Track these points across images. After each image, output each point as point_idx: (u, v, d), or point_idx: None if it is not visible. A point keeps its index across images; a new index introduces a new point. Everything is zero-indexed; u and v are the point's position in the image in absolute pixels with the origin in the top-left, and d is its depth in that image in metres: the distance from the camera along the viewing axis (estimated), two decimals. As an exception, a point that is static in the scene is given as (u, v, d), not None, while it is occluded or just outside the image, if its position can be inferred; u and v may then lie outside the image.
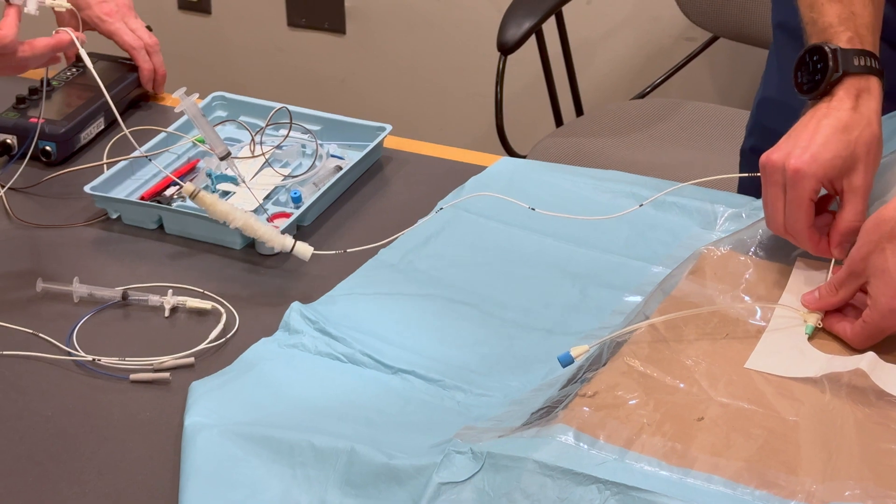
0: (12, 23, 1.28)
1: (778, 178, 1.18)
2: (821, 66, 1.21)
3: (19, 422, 1.18)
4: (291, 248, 1.32)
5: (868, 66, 1.20)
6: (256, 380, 1.20)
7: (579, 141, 2.30)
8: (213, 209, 1.30)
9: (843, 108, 1.19)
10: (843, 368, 1.09)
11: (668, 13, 2.64)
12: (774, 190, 1.19)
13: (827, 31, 1.23)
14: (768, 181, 1.19)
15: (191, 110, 1.40)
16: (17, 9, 1.29)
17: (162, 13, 3.12)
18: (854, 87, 1.20)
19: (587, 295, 1.32)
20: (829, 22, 1.23)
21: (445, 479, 1.01)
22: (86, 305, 1.33)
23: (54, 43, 1.31)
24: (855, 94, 1.20)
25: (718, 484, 0.97)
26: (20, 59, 1.29)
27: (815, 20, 1.25)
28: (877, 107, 1.20)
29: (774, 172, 1.18)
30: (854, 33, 1.22)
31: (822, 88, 1.20)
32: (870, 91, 1.20)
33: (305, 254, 1.33)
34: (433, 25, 2.92)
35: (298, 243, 1.32)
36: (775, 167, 1.18)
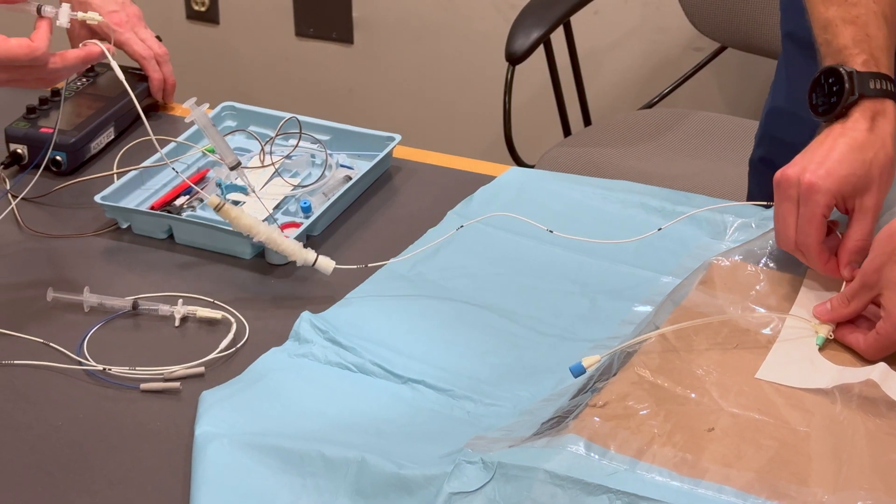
0: (44, 35, 1.28)
1: (792, 193, 1.18)
2: (836, 89, 1.21)
3: (30, 431, 1.18)
4: (314, 262, 1.32)
5: (884, 90, 1.21)
6: (266, 389, 1.20)
7: (587, 151, 2.30)
8: (238, 222, 1.31)
9: (859, 128, 1.19)
10: (855, 379, 1.09)
11: (676, 23, 2.64)
12: (788, 205, 1.19)
13: (842, 53, 1.23)
14: (782, 196, 1.19)
15: (201, 120, 1.40)
16: (48, 21, 1.30)
17: (170, 23, 3.12)
18: (870, 109, 1.20)
19: (597, 305, 1.32)
20: (843, 44, 1.23)
21: (456, 489, 1.01)
22: (96, 315, 1.33)
23: (85, 55, 1.32)
24: (871, 116, 1.20)
25: (729, 494, 0.97)
26: (51, 71, 1.30)
27: (830, 41, 1.24)
28: (892, 130, 1.21)
29: (789, 187, 1.18)
30: (869, 56, 1.22)
31: (837, 111, 1.21)
32: (885, 114, 1.21)
33: (328, 268, 1.33)
34: (441, 35, 2.93)
35: (321, 258, 1.33)
36: (790, 182, 1.18)
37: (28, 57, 1.26)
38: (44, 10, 1.30)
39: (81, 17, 1.35)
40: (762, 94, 2.67)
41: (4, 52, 1.25)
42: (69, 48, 1.71)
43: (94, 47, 1.32)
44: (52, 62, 1.29)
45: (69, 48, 1.71)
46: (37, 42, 1.27)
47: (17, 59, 1.26)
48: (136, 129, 1.69)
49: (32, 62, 1.27)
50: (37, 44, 1.27)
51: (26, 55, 1.26)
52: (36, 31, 1.28)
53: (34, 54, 1.26)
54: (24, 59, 1.26)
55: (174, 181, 1.53)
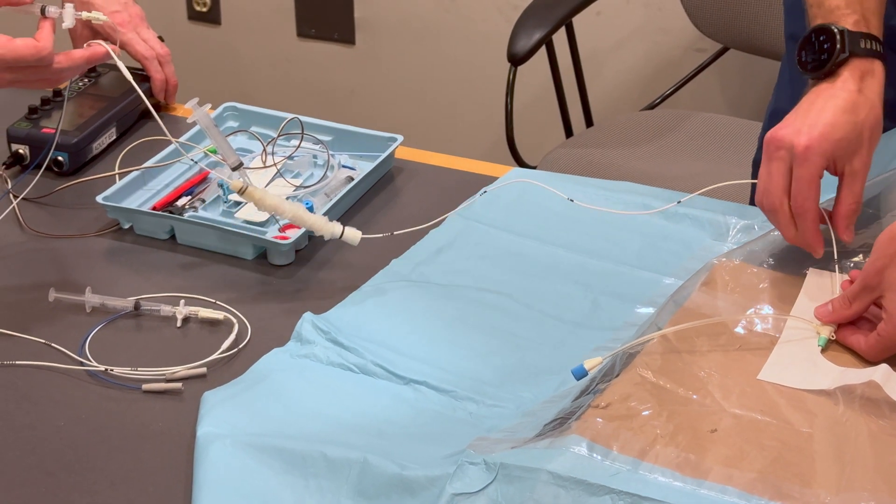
0: (49, 35, 1.28)
1: (783, 155, 1.18)
2: (827, 47, 1.22)
3: (32, 432, 1.18)
4: (341, 235, 1.34)
5: (873, 50, 1.22)
6: (269, 390, 1.20)
7: (589, 152, 2.30)
8: (263, 203, 1.31)
9: (848, 88, 1.20)
10: (857, 380, 1.09)
11: (679, 24, 2.64)
12: (778, 164, 1.19)
13: (834, 13, 1.24)
14: (773, 156, 1.19)
15: (203, 121, 1.40)
16: (52, 21, 1.30)
17: (172, 24, 3.12)
18: (859, 69, 1.21)
19: (599, 306, 1.32)
20: (835, 4, 1.24)
21: (458, 489, 1.01)
22: (98, 315, 1.33)
23: (90, 55, 1.32)
24: (859, 76, 1.21)
25: (732, 495, 0.97)
26: (56, 71, 1.30)
27: (822, 2, 1.26)
28: (880, 90, 1.22)
29: (780, 148, 1.18)
30: (860, 17, 1.23)
31: (827, 68, 1.21)
32: (874, 74, 1.22)
33: (355, 239, 1.35)
34: (443, 36, 2.93)
35: (347, 229, 1.34)
36: (782, 143, 1.18)
37: (34, 57, 1.26)
38: (48, 11, 1.30)
39: (86, 16, 1.35)
40: (764, 96, 2.67)
41: (10, 52, 1.25)
42: (72, 48, 1.72)
43: (99, 47, 1.32)
44: (57, 62, 1.29)
45: (72, 48, 1.72)
46: (42, 42, 1.27)
47: (22, 59, 1.26)
48: (138, 130, 1.69)
49: (38, 62, 1.27)
50: (42, 44, 1.27)
51: (32, 55, 1.26)
52: (40, 31, 1.28)
53: (40, 54, 1.26)
54: (29, 59, 1.26)
55: (176, 181, 1.53)
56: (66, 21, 1.31)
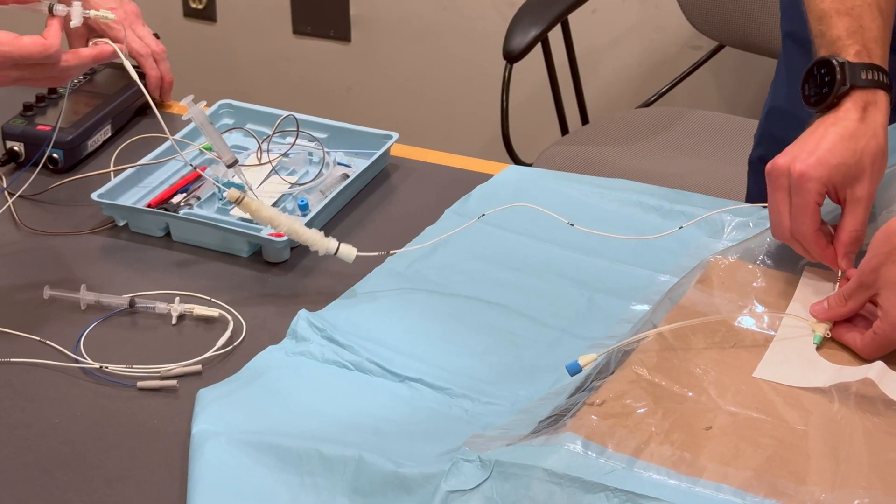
0: (56, 33, 1.28)
1: (783, 183, 1.18)
2: (828, 80, 1.21)
3: (27, 429, 1.18)
4: (336, 251, 1.32)
5: (876, 80, 1.21)
6: (264, 388, 1.20)
7: (585, 149, 2.30)
8: (259, 214, 1.31)
9: (850, 118, 1.19)
10: (852, 378, 1.09)
11: (674, 22, 2.64)
12: (780, 195, 1.19)
13: (835, 44, 1.23)
14: (774, 186, 1.19)
15: (198, 118, 1.40)
16: (59, 19, 1.29)
17: (167, 21, 3.12)
18: (861, 99, 1.20)
19: (594, 304, 1.32)
20: (837, 35, 1.23)
21: (454, 487, 1.01)
22: (93, 313, 1.33)
23: (97, 53, 1.31)
24: (862, 106, 1.20)
25: (727, 493, 0.97)
26: (62, 69, 1.29)
27: (824, 33, 1.25)
28: (883, 120, 1.21)
29: (780, 177, 1.18)
30: (862, 47, 1.22)
31: (829, 101, 1.21)
32: (877, 104, 1.21)
33: (350, 256, 1.33)
34: (438, 34, 2.93)
35: (342, 246, 1.33)
36: (781, 171, 1.18)
37: (41, 55, 1.26)
38: (55, 9, 1.30)
39: (94, 15, 1.34)
40: (760, 93, 2.67)
41: (17, 49, 1.25)
42: (68, 43, 1.72)
43: (107, 46, 1.31)
44: (64, 60, 1.28)
45: (68, 43, 1.72)
46: (49, 40, 1.26)
47: (29, 56, 1.25)
48: (133, 127, 1.69)
49: (45, 60, 1.27)
50: (49, 41, 1.26)
51: (39, 53, 1.26)
52: (48, 29, 1.28)
53: (47, 52, 1.26)
54: (36, 56, 1.26)
55: (171, 179, 1.53)
56: (74, 19, 1.31)
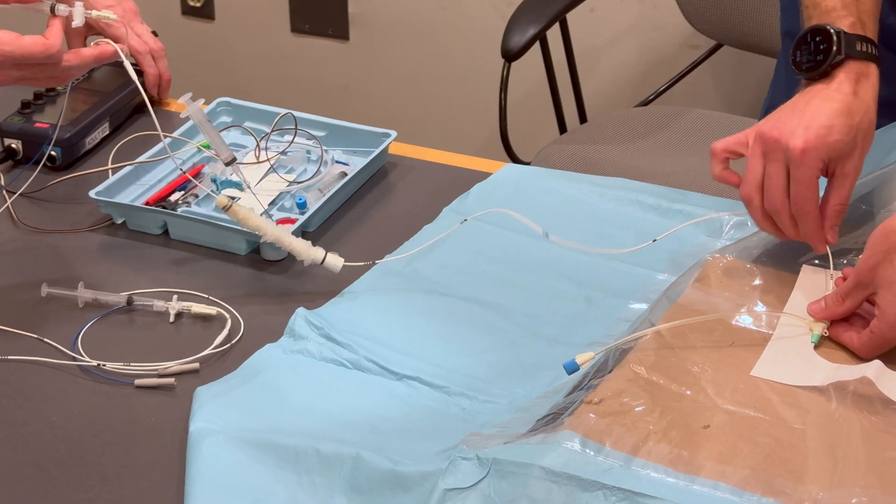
0: (57, 32, 1.27)
1: (779, 156, 1.18)
2: (823, 48, 1.21)
3: (24, 427, 1.18)
4: (322, 261, 1.32)
5: (869, 53, 1.22)
6: (261, 386, 1.20)
7: (583, 148, 2.30)
8: (246, 223, 1.31)
9: (844, 91, 1.20)
10: (850, 377, 1.09)
11: (673, 21, 2.64)
12: (776, 166, 1.18)
13: (830, 14, 1.24)
14: (769, 157, 1.18)
15: (196, 116, 1.39)
16: (61, 19, 1.29)
17: (165, 19, 3.12)
18: (854, 71, 1.21)
19: (592, 302, 1.32)
20: (832, 5, 1.24)
21: (451, 485, 1.01)
22: (91, 310, 1.33)
23: (98, 53, 1.31)
24: (855, 78, 1.20)
25: (725, 491, 0.97)
26: (63, 69, 1.29)
27: (818, 3, 1.26)
28: (874, 93, 1.22)
29: (776, 149, 1.18)
30: (857, 19, 1.23)
31: (822, 69, 1.21)
32: (868, 77, 1.21)
33: (336, 266, 1.32)
34: (437, 32, 2.92)
35: (329, 255, 1.32)
36: (777, 144, 1.18)
37: (42, 55, 1.26)
38: (57, 9, 1.29)
39: (96, 15, 1.34)
40: (758, 92, 2.67)
41: (19, 49, 1.24)
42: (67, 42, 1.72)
43: (108, 47, 1.31)
44: (65, 60, 1.28)
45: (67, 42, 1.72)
46: (51, 40, 1.26)
47: (31, 56, 1.25)
48: (131, 125, 1.69)
49: (46, 60, 1.26)
50: (51, 41, 1.26)
51: (41, 52, 1.25)
52: (49, 29, 1.27)
53: (48, 52, 1.26)
54: (38, 56, 1.25)
55: (169, 177, 1.52)
56: (76, 20, 1.31)
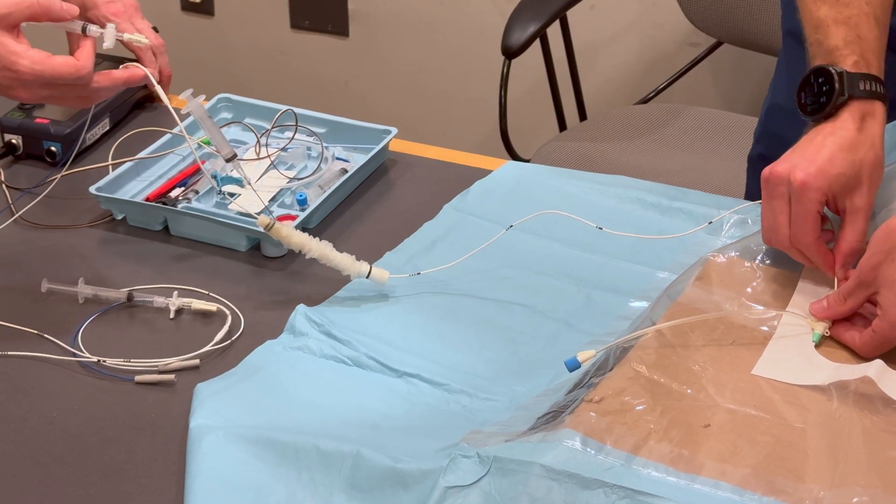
0: (89, 54, 1.26)
1: (783, 191, 1.18)
2: (826, 89, 1.21)
3: (24, 423, 1.18)
4: (368, 274, 1.32)
5: (873, 91, 1.21)
6: (262, 382, 1.20)
7: (583, 146, 2.30)
8: (289, 241, 1.31)
9: (848, 128, 1.19)
10: (851, 376, 1.09)
11: (672, 19, 2.64)
12: (779, 202, 1.19)
13: (833, 54, 1.23)
14: (773, 193, 1.19)
15: (197, 112, 1.39)
16: (93, 40, 1.28)
17: (165, 15, 3.12)
18: (859, 110, 1.20)
19: (593, 300, 1.31)
20: (834, 44, 1.23)
21: (452, 482, 1.01)
22: (91, 306, 1.33)
23: (128, 76, 1.30)
24: (860, 117, 1.20)
25: (726, 490, 0.97)
26: (93, 91, 1.28)
27: (821, 42, 1.24)
28: (880, 131, 1.21)
29: (779, 185, 1.18)
30: (860, 57, 1.22)
31: (826, 111, 1.21)
32: (874, 115, 1.21)
33: (382, 278, 1.32)
34: (437, 29, 2.92)
35: (374, 268, 1.32)
36: (780, 179, 1.18)
37: (72, 76, 1.24)
38: (89, 30, 1.29)
39: (128, 38, 1.34)
40: (758, 90, 2.67)
41: (50, 69, 1.23)
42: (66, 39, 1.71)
43: (138, 70, 1.30)
44: (95, 82, 1.27)
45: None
46: (82, 61, 1.25)
47: (61, 77, 1.24)
48: (131, 121, 1.69)
49: (76, 81, 1.25)
50: (82, 63, 1.25)
51: (71, 74, 1.24)
52: (80, 50, 1.26)
53: (79, 73, 1.24)
54: (68, 77, 1.24)
55: (170, 172, 1.52)
56: (107, 41, 1.30)
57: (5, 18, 1.22)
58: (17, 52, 1.22)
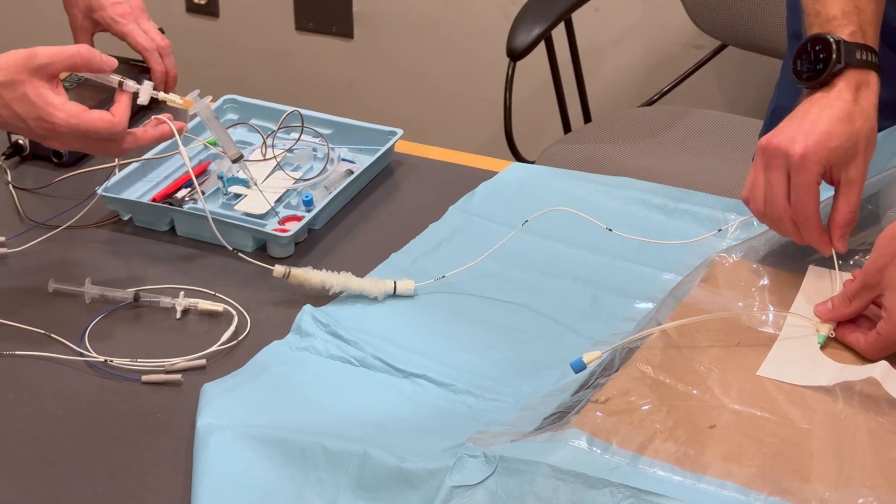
0: (124, 111, 1.27)
1: (780, 162, 1.18)
2: (823, 57, 1.22)
3: (31, 422, 1.18)
4: (394, 291, 1.32)
5: (869, 61, 1.22)
6: (268, 382, 1.20)
7: (587, 147, 2.30)
8: (310, 282, 1.32)
9: (844, 98, 1.20)
10: (856, 377, 1.09)
11: (677, 21, 2.64)
12: (777, 173, 1.19)
13: (831, 23, 1.24)
14: (770, 164, 1.19)
15: (204, 113, 1.40)
16: (128, 96, 1.29)
17: (170, 16, 3.12)
18: (854, 79, 1.21)
19: (598, 301, 1.32)
20: (833, 14, 1.24)
21: (458, 482, 1.01)
22: (98, 306, 1.33)
23: (159, 135, 1.31)
24: (855, 86, 1.21)
25: (731, 490, 0.98)
26: (123, 149, 1.29)
27: (819, 11, 1.26)
28: (874, 101, 1.22)
29: (777, 156, 1.18)
30: (857, 27, 1.23)
31: (822, 78, 1.21)
32: (869, 85, 1.22)
33: (410, 289, 1.33)
34: (441, 31, 2.93)
35: (399, 282, 1.33)
36: (778, 151, 1.18)
37: (108, 132, 1.25)
38: (125, 85, 1.30)
39: (163, 97, 1.34)
40: (762, 93, 2.67)
41: (85, 123, 1.24)
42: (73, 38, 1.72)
43: (166, 126, 1.31)
44: (127, 142, 1.28)
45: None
46: (118, 117, 1.26)
47: (96, 132, 1.25)
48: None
49: (110, 137, 1.26)
50: (117, 119, 1.25)
51: (107, 129, 1.25)
52: (116, 106, 1.27)
53: (113, 129, 1.25)
54: (103, 133, 1.25)
55: (176, 173, 1.53)
56: (142, 97, 1.32)
57: (45, 68, 1.22)
58: (54, 104, 1.23)
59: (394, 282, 1.32)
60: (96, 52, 1.26)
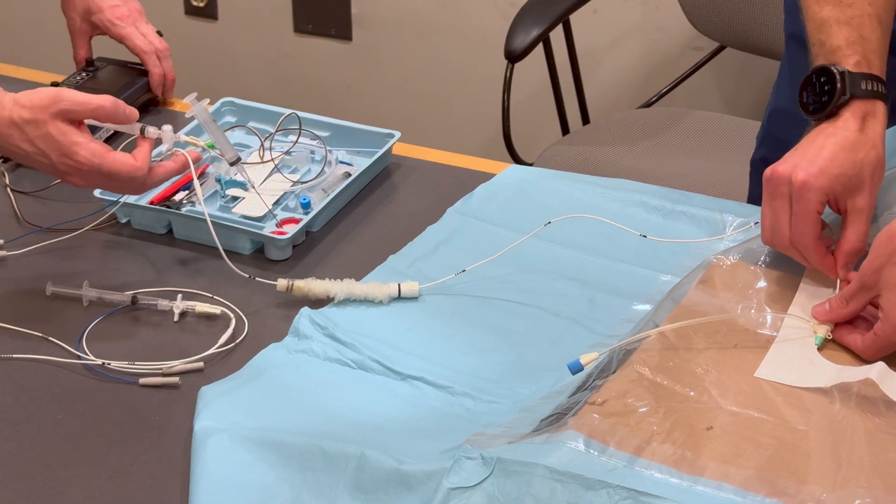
0: (146, 156, 1.29)
1: (784, 191, 1.18)
2: (828, 88, 1.21)
3: (29, 425, 1.18)
4: (399, 293, 1.33)
5: (875, 91, 1.21)
6: (266, 385, 1.20)
7: (585, 149, 2.30)
8: (313, 292, 1.32)
9: (849, 128, 1.20)
10: (853, 378, 1.09)
11: (675, 22, 2.64)
12: (780, 202, 1.19)
13: (835, 54, 1.23)
14: (774, 193, 1.19)
15: (202, 115, 1.40)
16: (150, 142, 1.31)
17: (169, 19, 3.12)
18: (860, 110, 1.20)
19: (596, 303, 1.32)
20: (837, 44, 1.23)
21: (455, 484, 1.01)
22: (95, 309, 1.33)
23: (178, 168, 1.33)
24: (861, 116, 1.20)
25: (728, 492, 0.98)
26: (144, 189, 1.31)
27: (824, 42, 1.25)
28: (881, 131, 1.21)
29: (781, 185, 1.19)
30: (862, 57, 1.22)
31: (828, 110, 1.21)
32: (875, 115, 1.21)
33: (414, 291, 1.33)
34: (440, 33, 2.93)
35: (402, 285, 1.33)
36: (782, 179, 1.18)
37: (129, 175, 1.27)
38: (147, 131, 1.31)
39: (184, 139, 1.36)
40: (761, 94, 2.67)
41: (108, 164, 1.26)
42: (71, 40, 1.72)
43: (182, 157, 1.33)
44: (147, 183, 1.30)
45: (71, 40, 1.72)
46: (139, 162, 1.28)
47: (118, 174, 1.27)
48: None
49: (131, 180, 1.28)
50: (139, 163, 1.28)
51: (127, 173, 1.27)
52: (138, 150, 1.29)
53: (135, 174, 1.27)
54: (124, 175, 1.27)
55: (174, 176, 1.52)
56: (165, 144, 1.33)
57: (68, 113, 1.25)
58: (78, 142, 1.25)
59: (398, 285, 1.32)
60: (120, 105, 1.28)
